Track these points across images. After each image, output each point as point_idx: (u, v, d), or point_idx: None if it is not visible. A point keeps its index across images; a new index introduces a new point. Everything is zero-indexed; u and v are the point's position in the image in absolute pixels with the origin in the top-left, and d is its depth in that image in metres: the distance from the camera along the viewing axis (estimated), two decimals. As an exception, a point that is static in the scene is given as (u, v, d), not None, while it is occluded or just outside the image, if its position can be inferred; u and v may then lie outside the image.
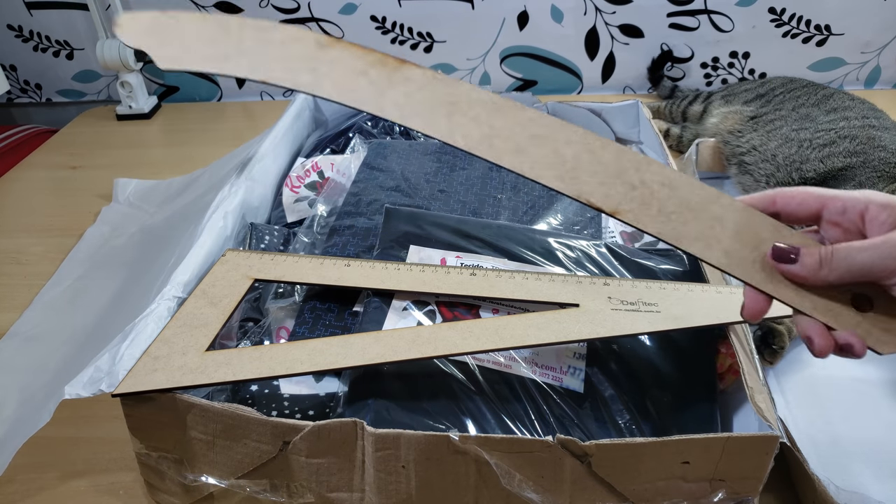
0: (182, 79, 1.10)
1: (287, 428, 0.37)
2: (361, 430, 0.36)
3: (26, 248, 0.74)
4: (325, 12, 1.02)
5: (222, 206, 0.57)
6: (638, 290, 0.45)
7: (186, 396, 0.38)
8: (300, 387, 0.45)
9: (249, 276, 0.48)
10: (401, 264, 0.49)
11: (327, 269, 0.49)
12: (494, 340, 0.41)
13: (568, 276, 0.47)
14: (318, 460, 0.38)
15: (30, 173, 0.91)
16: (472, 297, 0.47)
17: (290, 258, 0.50)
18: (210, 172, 0.78)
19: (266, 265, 0.49)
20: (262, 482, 0.39)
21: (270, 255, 0.50)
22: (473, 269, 0.48)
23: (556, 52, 1.07)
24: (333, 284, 0.48)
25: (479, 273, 0.48)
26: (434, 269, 0.48)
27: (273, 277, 0.48)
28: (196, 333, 0.42)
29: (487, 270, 0.48)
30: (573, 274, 0.49)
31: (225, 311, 0.44)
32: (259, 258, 0.50)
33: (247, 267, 0.49)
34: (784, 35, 1.03)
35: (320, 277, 0.48)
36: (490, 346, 0.41)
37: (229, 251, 0.51)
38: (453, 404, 0.42)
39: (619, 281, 0.47)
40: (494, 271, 0.48)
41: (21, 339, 0.59)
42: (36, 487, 0.46)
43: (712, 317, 0.43)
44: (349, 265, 0.49)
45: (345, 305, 0.49)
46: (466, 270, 0.48)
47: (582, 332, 0.42)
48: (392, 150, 0.69)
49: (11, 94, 1.11)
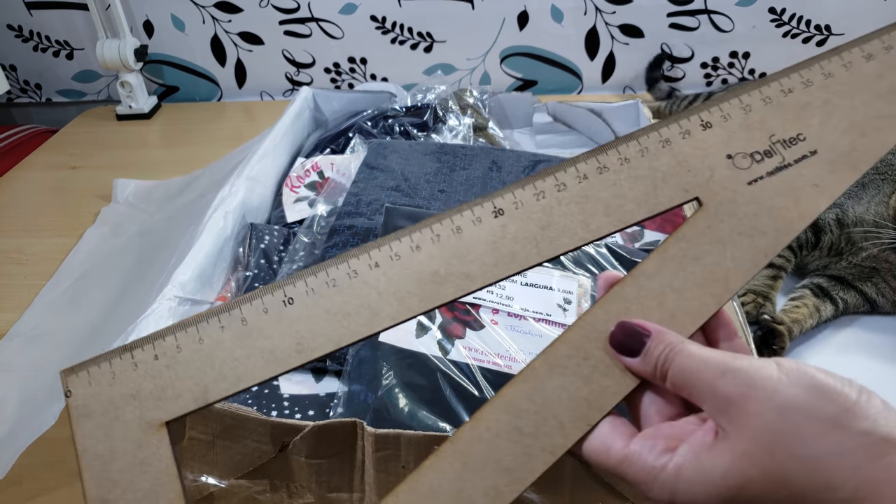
0: (182, 79, 1.10)
1: (287, 428, 0.37)
2: (361, 430, 0.36)
3: (26, 248, 0.74)
4: (324, 12, 1.02)
5: (222, 206, 0.57)
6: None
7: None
8: (300, 387, 0.45)
9: (155, 422, 0.26)
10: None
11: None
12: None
13: (568, 276, 0.47)
14: (318, 460, 0.37)
15: (30, 173, 0.91)
16: (471, 301, 0.47)
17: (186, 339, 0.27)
18: (210, 172, 0.78)
19: (147, 378, 0.26)
20: (261, 482, 0.39)
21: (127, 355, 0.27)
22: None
23: (557, 52, 1.07)
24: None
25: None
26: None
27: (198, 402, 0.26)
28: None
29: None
30: (573, 274, 0.49)
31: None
32: (132, 370, 0.26)
33: (131, 404, 0.26)
34: (784, 35, 1.03)
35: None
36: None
37: (67, 376, 0.27)
38: (453, 404, 0.42)
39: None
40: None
41: (21, 340, 0.59)
42: (40, 488, 0.46)
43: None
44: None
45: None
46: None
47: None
48: (392, 149, 0.69)
49: (11, 94, 1.11)
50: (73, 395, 0.26)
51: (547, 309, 0.48)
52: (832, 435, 0.20)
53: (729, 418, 0.22)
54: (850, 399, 0.21)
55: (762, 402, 0.21)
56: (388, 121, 0.80)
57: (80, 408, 0.26)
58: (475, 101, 0.86)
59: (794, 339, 0.54)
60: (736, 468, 0.21)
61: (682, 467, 0.22)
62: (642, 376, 0.25)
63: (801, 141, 0.27)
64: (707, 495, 0.22)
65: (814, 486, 0.20)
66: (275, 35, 1.05)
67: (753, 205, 0.27)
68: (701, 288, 0.26)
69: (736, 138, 0.28)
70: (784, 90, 0.28)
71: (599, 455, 0.24)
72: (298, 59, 1.07)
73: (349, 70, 1.08)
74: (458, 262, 0.27)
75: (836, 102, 0.28)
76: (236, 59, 1.08)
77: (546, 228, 0.27)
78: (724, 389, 0.22)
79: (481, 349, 0.46)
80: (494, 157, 0.68)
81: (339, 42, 1.05)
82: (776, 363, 0.22)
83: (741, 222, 0.27)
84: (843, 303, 0.57)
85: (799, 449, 0.20)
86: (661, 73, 1.06)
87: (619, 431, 0.25)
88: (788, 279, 0.60)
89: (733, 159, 0.27)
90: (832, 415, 0.20)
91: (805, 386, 0.21)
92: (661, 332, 0.25)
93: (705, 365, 0.23)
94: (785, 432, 0.21)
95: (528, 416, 0.26)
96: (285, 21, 1.03)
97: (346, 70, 1.08)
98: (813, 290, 0.58)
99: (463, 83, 1.08)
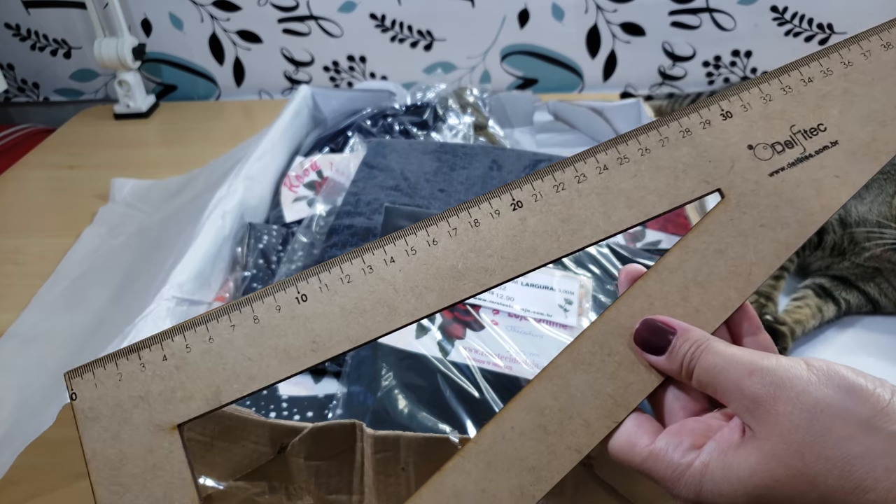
0: (180, 77, 1.10)
1: (286, 429, 0.36)
2: (360, 431, 0.36)
3: (23, 248, 0.73)
4: (324, 10, 1.02)
5: (220, 205, 0.57)
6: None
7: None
8: (299, 388, 0.45)
9: (166, 426, 0.25)
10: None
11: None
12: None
13: (569, 276, 0.47)
14: (317, 462, 0.37)
15: (27, 173, 0.91)
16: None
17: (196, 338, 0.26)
18: (208, 172, 0.78)
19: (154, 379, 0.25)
20: (260, 484, 0.39)
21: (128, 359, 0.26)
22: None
23: (557, 51, 1.06)
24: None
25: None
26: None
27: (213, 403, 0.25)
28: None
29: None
30: (574, 274, 0.49)
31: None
32: (134, 371, 0.26)
33: (140, 406, 0.25)
34: (786, 34, 1.02)
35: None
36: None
37: (72, 379, 0.26)
38: (453, 406, 0.41)
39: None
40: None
41: (19, 340, 0.59)
42: (39, 488, 0.45)
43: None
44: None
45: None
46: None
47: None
48: (391, 149, 0.69)
49: (9, 93, 1.11)
50: (78, 397, 0.26)
51: (548, 309, 0.48)
52: (864, 437, 0.20)
53: (757, 418, 0.22)
54: (882, 400, 0.20)
55: (791, 402, 0.21)
56: (388, 119, 0.79)
57: (86, 411, 0.25)
58: (475, 100, 0.85)
59: (796, 339, 0.53)
60: (764, 468, 0.21)
61: (708, 465, 0.22)
62: (667, 374, 0.25)
63: (821, 131, 0.27)
64: (734, 494, 0.21)
65: (844, 488, 0.20)
66: (273, 33, 1.04)
67: (775, 196, 0.26)
68: (725, 282, 0.26)
69: (757, 128, 0.27)
70: (804, 79, 0.28)
71: (625, 452, 0.24)
72: (297, 58, 1.07)
73: (348, 68, 1.08)
74: (477, 257, 0.26)
75: (855, 92, 0.27)
76: (235, 58, 1.07)
77: (567, 221, 0.26)
78: (753, 389, 0.22)
79: (481, 350, 0.46)
80: (495, 156, 0.68)
81: (338, 40, 1.05)
82: (805, 363, 0.22)
83: (763, 214, 0.26)
84: (845, 303, 0.57)
85: (829, 450, 0.20)
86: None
87: (644, 428, 0.24)
88: (791, 279, 0.60)
89: (754, 150, 0.27)
90: (864, 416, 0.20)
91: (836, 386, 0.21)
92: (686, 329, 0.25)
93: (733, 364, 0.23)
94: (815, 433, 0.20)
95: (553, 414, 0.25)
96: (284, 19, 1.03)
97: (346, 68, 1.08)
98: (815, 291, 0.57)
99: (463, 82, 1.08)
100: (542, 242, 0.26)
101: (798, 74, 0.28)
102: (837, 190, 0.26)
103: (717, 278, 0.26)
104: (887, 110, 0.27)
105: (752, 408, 0.22)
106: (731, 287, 0.26)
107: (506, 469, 0.25)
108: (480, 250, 0.26)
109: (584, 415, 0.25)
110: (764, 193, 0.26)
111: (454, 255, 0.26)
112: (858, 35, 0.28)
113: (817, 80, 0.28)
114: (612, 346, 0.26)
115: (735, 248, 0.26)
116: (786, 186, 0.26)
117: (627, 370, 0.25)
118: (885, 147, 0.27)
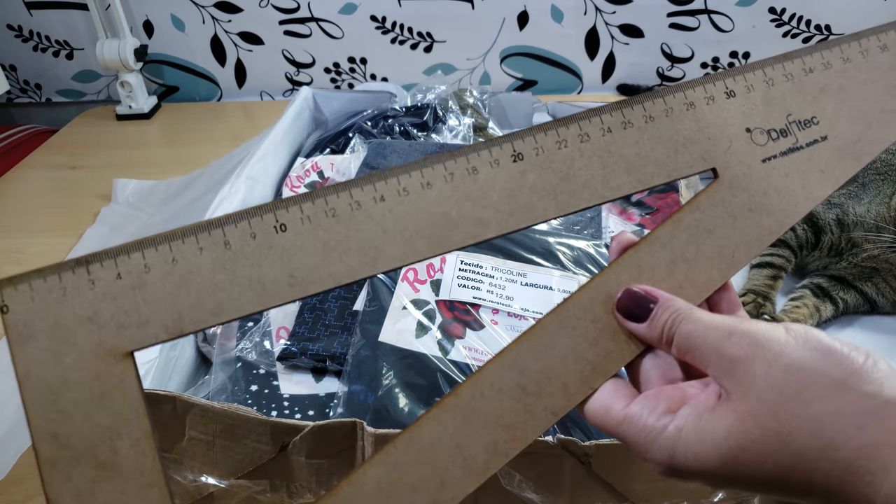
0: (182, 79, 1.10)
1: (287, 428, 0.37)
2: (361, 430, 0.36)
3: (26, 248, 0.74)
4: (324, 12, 1.02)
5: (222, 206, 0.57)
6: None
7: (186, 396, 0.38)
8: (300, 387, 0.45)
9: (118, 351, 0.23)
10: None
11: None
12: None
13: (568, 276, 0.47)
14: (318, 461, 0.37)
15: (29, 173, 0.91)
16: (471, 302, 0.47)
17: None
18: (210, 172, 0.78)
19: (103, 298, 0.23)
20: (261, 482, 0.39)
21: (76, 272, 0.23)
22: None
23: (557, 52, 1.07)
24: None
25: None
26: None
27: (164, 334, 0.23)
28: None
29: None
30: (573, 274, 0.49)
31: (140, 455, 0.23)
32: (74, 286, 0.23)
33: (86, 327, 0.23)
34: (784, 35, 1.03)
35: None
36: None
37: (4, 288, 0.22)
38: (453, 404, 0.42)
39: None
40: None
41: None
42: (41, 487, 0.46)
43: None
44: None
45: (344, 305, 0.49)
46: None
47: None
48: (392, 149, 0.69)
49: (11, 94, 1.11)
50: (10, 310, 0.22)
51: (547, 309, 0.48)
52: (837, 396, 0.20)
53: (733, 379, 0.22)
54: (856, 362, 0.21)
55: (768, 362, 0.21)
56: (388, 121, 0.79)
57: (19, 325, 0.22)
58: (475, 101, 0.86)
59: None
60: (738, 428, 0.21)
61: (682, 429, 0.22)
62: (648, 342, 0.25)
63: (814, 124, 0.27)
64: (707, 455, 0.21)
65: (815, 446, 0.20)
66: (275, 35, 1.05)
67: (765, 183, 0.27)
68: (710, 261, 0.26)
69: (756, 112, 0.28)
70: (805, 69, 0.28)
71: (600, 416, 0.24)
72: (298, 59, 1.07)
73: (349, 70, 1.08)
74: (472, 206, 0.25)
75: (850, 90, 0.28)
76: (236, 59, 1.08)
77: (566, 180, 0.26)
78: (731, 350, 0.22)
79: (481, 349, 0.46)
80: (494, 156, 0.68)
81: (338, 42, 1.05)
82: (784, 327, 0.22)
83: (752, 199, 0.27)
84: (843, 303, 0.57)
85: (803, 409, 0.20)
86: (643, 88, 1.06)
87: (620, 393, 0.25)
88: (788, 279, 0.60)
89: (752, 134, 0.27)
90: (838, 377, 0.20)
91: (812, 349, 0.21)
92: (669, 298, 0.25)
93: (713, 328, 0.23)
94: (790, 393, 0.21)
95: (532, 375, 0.25)
96: (285, 21, 1.03)
97: (346, 70, 1.08)
98: (813, 290, 0.58)
99: (463, 83, 1.08)
100: (540, 199, 0.26)
101: (801, 63, 0.28)
102: (821, 184, 0.27)
103: (703, 256, 0.26)
104: (875, 112, 0.27)
105: (729, 368, 0.22)
106: (715, 267, 0.26)
107: (482, 425, 0.25)
108: (476, 200, 0.25)
109: (563, 378, 0.25)
110: (755, 178, 0.27)
111: (449, 201, 0.25)
112: (859, 33, 0.29)
113: (817, 71, 0.28)
114: (596, 313, 0.26)
115: (723, 228, 0.26)
116: (776, 174, 0.27)
117: (608, 338, 0.26)
118: (869, 148, 0.27)
